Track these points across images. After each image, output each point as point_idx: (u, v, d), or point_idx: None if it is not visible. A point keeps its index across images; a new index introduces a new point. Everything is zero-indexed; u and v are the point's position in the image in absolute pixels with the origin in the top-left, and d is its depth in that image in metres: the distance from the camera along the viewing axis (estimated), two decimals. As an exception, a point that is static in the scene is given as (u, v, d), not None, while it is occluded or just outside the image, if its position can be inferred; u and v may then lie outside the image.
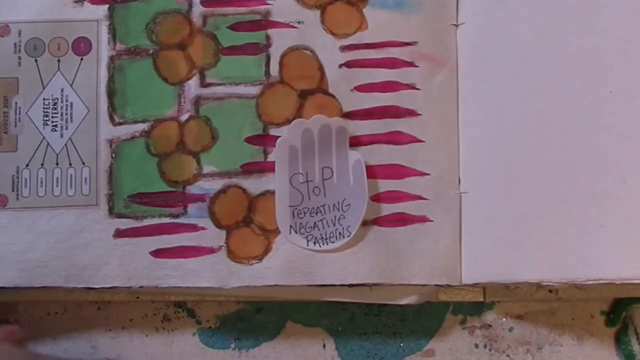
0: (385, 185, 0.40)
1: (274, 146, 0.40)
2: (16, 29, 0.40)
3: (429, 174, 0.40)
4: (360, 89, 0.41)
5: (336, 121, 0.39)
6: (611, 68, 0.39)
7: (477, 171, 0.41)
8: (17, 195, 0.40)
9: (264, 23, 0.41)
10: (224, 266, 0.40)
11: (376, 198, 0.40)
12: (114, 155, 0.40)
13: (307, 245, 0.39)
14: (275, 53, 0.41)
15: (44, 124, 0.40)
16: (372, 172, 0.40)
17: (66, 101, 0.40)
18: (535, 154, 0.39)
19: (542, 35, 0.40)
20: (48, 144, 0.40)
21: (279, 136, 0.40)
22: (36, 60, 0.40)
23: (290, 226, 0.39)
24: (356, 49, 0.41)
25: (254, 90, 0.41)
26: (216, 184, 0.40)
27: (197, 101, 0.41)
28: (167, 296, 0.42)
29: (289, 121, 0.40)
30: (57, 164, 0.40)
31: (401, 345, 0.43)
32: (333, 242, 0.39)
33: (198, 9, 0.41)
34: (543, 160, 0.39)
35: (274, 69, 0.41)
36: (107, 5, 0.41)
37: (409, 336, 0.43)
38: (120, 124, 0.41)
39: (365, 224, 0.40)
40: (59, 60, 0.41)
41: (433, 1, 0.42)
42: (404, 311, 0.43)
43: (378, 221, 0.40)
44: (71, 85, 0.41)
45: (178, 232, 0.40)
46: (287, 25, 0.41)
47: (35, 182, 0.40)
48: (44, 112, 0.40)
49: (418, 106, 0.41)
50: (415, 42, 0.41)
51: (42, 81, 0.40)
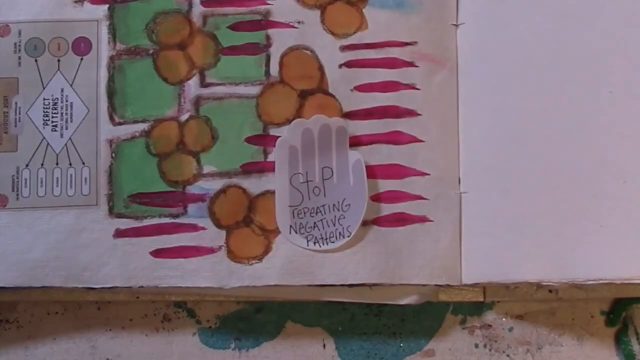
0: (385, 185, 0.40)
1: (274, 146, 0.40)
2: (16, 28, 0.41)
3: (429, 174, 0.41)
4: (360, 89, 0.41)
5: (336, 121, 0.40)
6: (611, 68, 0.39)
7: (477, 171, 0.41)
8: (17, 195, 0.40)
9: (264, 23, 0.42)
10: (224, 266, 0.40)
11: (376, 198, 0.40)
12: (114, 155, 0.40)
13: (307, 245, 0.39)
14: (275, 53, 0.41)
15: (44, 124, 0.41)
16: (372, 172, 0.40)
17: (66, 101, 0.41)
18: (535, 154, 0.39)
19: (542, 35, 0.40)
20: (48, 144, 0.41)
21: (279, 136, 0.40)
22: (36, 60, 0.41)
23: (290, 226, 0.39)
24: (356, 49, 0.41)
25: (254, 90, 0.41)
26: (216, 184, 0.41)
27: (197, 101, 0.41)
28: (167, 296, 0.42)
29: (289, 121, 0.41)
30: (57, 163, 0.40)
31: (401, 345, 0.43)
32: (333, 242, 0.39)
33: (198, 9, 0.41)
34: (543, 161, 0.39)
35: (274, 69, 0.41)
36: (107, 5, 0.41)
37: (409, 336, 0.43)
38: (120, 124, 0.41)
39: (365, 223, 0.40)
40: (59, 60, 0.41)
41: (433, 1, 0.42)
42: (404, 311, 0.43)
43: (378, 221, 0.40)
44: (71, 85, 0.41)
45: (178, 232, 0.40)
46: (287, 26, 0.42)
47: (35, 182, 0.40)
48: (44, 112, 0.41)
49: (418, 106, 0.41)
50: (415, 42, 0.41)
51: (42, 81, 0.41)
